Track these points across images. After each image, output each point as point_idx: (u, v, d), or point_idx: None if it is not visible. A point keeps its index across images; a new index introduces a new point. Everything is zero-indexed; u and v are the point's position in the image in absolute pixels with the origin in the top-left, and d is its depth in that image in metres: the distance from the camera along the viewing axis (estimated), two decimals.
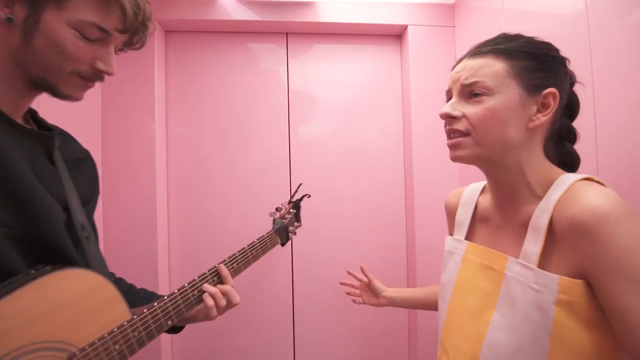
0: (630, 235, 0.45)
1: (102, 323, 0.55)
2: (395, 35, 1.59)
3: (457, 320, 0.64)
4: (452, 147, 0.62)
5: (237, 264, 0.81)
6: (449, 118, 0.61)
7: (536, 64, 0.57)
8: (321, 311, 1.51)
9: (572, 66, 0.63)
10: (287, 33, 1.56)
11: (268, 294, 1.49)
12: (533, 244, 0.54)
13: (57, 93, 0.55)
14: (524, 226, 0.58)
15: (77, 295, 0.52)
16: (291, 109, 1.54)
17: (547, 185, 0.57)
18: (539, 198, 0.57)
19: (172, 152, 1.48)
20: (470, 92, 0.59)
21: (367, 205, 1.54)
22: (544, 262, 0.53)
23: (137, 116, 1.37)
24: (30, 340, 0.46)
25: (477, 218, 0.71)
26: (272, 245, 0.97)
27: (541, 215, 0.54)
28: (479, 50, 0.60)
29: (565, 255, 0.50)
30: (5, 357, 0.44)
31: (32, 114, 0.62)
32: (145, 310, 0.62)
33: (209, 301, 0.69)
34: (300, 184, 1.24)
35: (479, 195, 0.72)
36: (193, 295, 0.70)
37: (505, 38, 0.61)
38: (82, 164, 0.68)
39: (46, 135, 0.59)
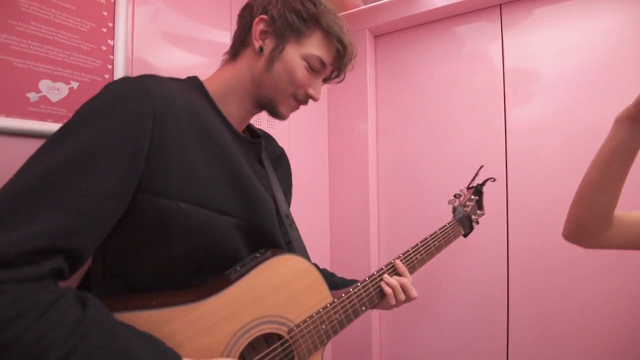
0: None
1: (310, 303, 0.61)
2: None
3: None
4: None
5: (420, 255, 0.79)
6: None
7: None
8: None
9: None
10: (500, 4, 1.33)
11: (480, 296, 1.35)
12: None
13: (274, 111, 0.65)
14: None
15: (291, 277, 0.58)
16: (507, 90, 1.32)
17: None
18: None
19: (381, 147, 1.58)
20: None
21: None
22: None
23: (353, 118, 1.54)
24: (261, 314, 0.55)
25: None
26: (455, 236, 0.89)
27: None
28: None
29: None
30: (247, 325, 0.53)
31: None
32: (343, 295, 0.65)
33: (388, 290, 0.71)
34: (482, 166, 1.03)
35: None
36: (378, 286, 0.71)
37: None
38: (280, 160, 0.78)
39: (257, 143, 0.69)
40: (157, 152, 0.48)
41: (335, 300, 0.64)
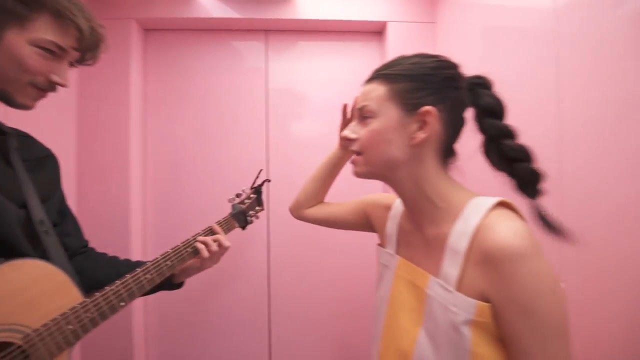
0: (529, 273, 0.50)
1: (54, 306, 0.61)
2: (377, 32, 1.60)
3: (392, 336, 0.67)
4: (352, 164, 0.69)
5: (191, 248, 0.88)
6: (347, 140, 0.67)
7: (415, 84, 0.60)
8: (300, 316, 1.53)
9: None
10: (266, 31, 1.56)
11: (241, 297, 1.53)
12: (452, 267, 0.57)
13: (11, 102, 0.62)
14: (437, 242, 0.61)
15: (28, 283, 0.58)
16: (271, 107, 1.56)
17: (450, 200, 0.61)
18: (447, 214, 0.61)
19: (150, 149, 1.52)
20: (361, 115, 0.64)
21: None
22: (459, 284, 0.56)
23: (112, 113, 1.41)
24: None
25: (400, 232, 0.73)
26: (230, 229, 1.05)
27: (460, 239, 0.56)
28: (371, 76, 0.66)
29: (475, 280, 0.55)
30: None
31: None
32: (97, 294, 0.68)
33: (202, 248, 0.86)
34: (261, 169, 1.26)
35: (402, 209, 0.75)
36: (146, 279, 0.76)
37: (394, 62, 0.65)
38: (44, 162, 0.74)
39: (0, 140, 0.65)
40: None
41: (87, 300, 0.66)
